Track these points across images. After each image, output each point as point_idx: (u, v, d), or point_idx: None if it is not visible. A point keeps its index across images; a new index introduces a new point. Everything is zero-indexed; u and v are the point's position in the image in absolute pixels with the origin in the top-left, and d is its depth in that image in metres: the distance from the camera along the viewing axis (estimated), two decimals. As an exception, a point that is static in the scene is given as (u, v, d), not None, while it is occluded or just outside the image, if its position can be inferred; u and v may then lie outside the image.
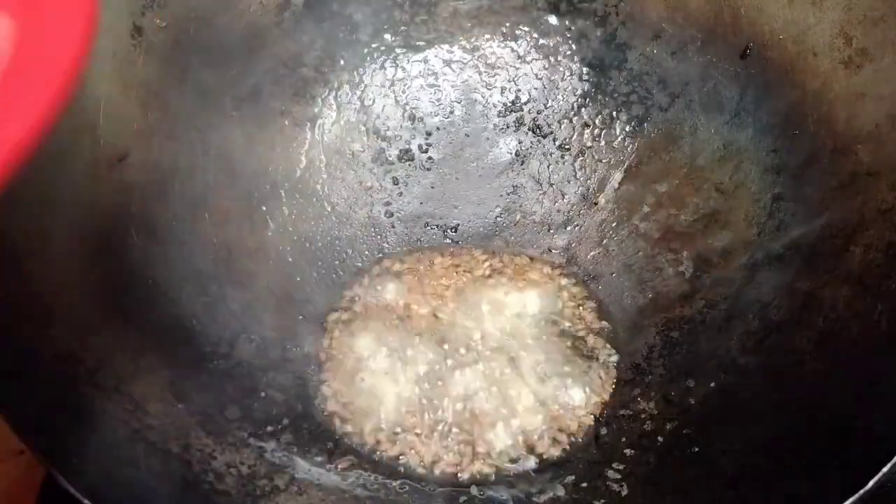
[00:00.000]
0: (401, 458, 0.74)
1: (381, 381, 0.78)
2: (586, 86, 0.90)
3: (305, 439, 0.73)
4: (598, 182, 0.90)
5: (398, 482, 0.72)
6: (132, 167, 0.73)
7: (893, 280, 0.64)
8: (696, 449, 0.69)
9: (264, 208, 0.85)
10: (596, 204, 0.89)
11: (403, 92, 0.92)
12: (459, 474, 0.73)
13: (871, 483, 0.52)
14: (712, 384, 0.73)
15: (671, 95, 0.86)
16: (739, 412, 0.69)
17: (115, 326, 0.66)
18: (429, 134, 0.93)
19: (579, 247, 0.89)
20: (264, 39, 0.84)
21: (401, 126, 0.92)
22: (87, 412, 0.59)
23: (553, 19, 0.90)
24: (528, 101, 0.93)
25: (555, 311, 0.83)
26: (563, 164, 0.91)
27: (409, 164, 0.92)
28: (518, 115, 0.93)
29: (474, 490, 0.72)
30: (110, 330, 0.65)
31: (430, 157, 0.93)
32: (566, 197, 0.91)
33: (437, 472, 0.73)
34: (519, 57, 0.92)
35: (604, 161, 0.90)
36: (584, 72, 0.90)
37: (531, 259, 0.88)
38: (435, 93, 0.93)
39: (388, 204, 0.91)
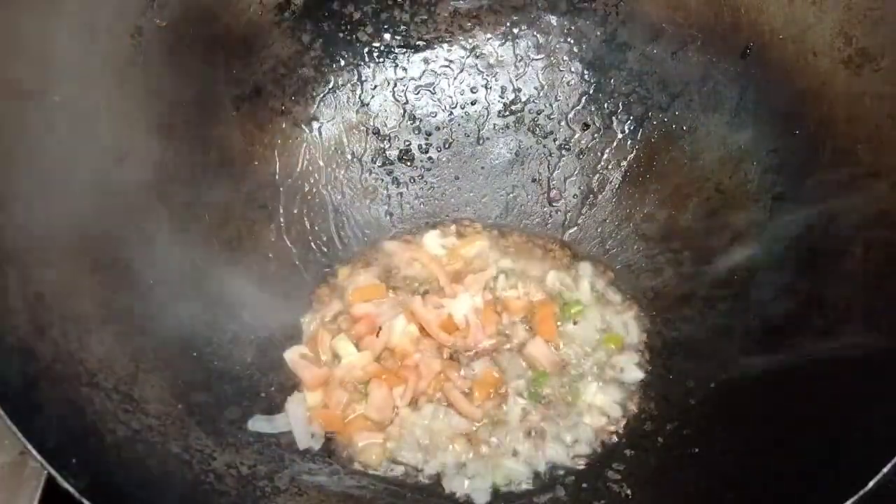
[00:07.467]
0: (401, 458, 0.74)
1: (382, 382, 0.77)
2: (586, 86, 0.91)
3: (305, 439, 0.73)
4: (598, 182, 0.90)
5: (398, 483, 0.72)
6: (132, 167, 0.73)
7: (893, 280, 0.64)
8: (696, 449, 0.69)
9: (264, 208, 0.85)
10: (596, 204, 0.89)
11: (403, 92, 0.92)
12: (460, 474, 0.73)
13: (871, 483, 0.52)
14: (712, 384, 0.73)
15: (671, 95, 0.86)
16: (739, 412, 0.69)
17: (115, 327, 0.66)
18: (429, 134, 0.93)
19: (579, 247, 0.89)
20: (264, 39, 0.84)
21: (401, 126, 0.93)
22: (87, 412, 0.59)
23: (553, 19, 0.90)
24: (528, 101, 0.93)
25: (554, 311, 0.83)
26: (563, 164, 0.91)
27: (409, 164, 0.92)
28: (518, 115, 0.93)
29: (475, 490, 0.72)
30: (110, 330, 0.65)
31: (430, 157, 0.93)
32: (566, 197, 0.91)
33: (437, 471, 0.73)
34: (519, 57, 0.92)
35: (604, 161, 0.90)
36: (584, 72, 0.90)
37: (531, 260, 0.88)
38: (435, 92, 0.93)
39: (388, 204, 0.91)
